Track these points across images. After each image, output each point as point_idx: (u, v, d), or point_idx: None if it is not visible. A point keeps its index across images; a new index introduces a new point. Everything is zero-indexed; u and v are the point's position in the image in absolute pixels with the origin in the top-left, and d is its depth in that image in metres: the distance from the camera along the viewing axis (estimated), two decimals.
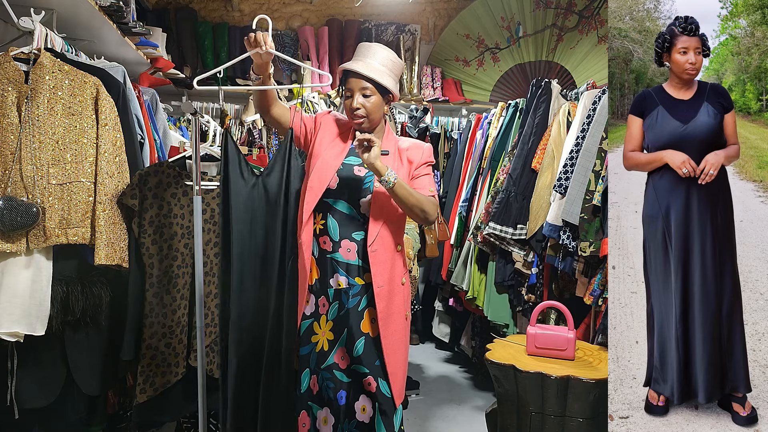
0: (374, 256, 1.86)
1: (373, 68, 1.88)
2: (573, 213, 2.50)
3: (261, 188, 1.98)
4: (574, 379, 2.03)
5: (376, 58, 1.90)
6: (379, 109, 1.91)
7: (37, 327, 1.94)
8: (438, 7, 5.22)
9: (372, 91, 1.88)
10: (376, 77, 1.86)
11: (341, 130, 1.99)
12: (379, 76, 1.87)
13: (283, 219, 1.92)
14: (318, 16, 5.02)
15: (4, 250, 1.89)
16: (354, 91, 1.88)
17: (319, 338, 1.92)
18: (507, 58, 5.12)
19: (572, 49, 5.02)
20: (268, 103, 1.91)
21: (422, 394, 3.40)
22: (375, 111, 1.89)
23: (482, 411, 3.00)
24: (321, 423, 1.91)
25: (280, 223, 1.93)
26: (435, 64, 5.09)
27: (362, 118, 1.88)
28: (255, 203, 1.96)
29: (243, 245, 1.93)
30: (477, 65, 5.14)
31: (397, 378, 1.89)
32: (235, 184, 1.92)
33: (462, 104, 4.91)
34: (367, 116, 1.88)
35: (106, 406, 2.34)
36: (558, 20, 5.03)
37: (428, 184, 1.95)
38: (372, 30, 5.04)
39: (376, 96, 1.89)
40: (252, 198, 1.96)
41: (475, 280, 3.27)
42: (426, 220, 1.91)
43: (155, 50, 3.26)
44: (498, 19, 5.07)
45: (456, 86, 5.01)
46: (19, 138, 1.89)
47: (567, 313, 2.30)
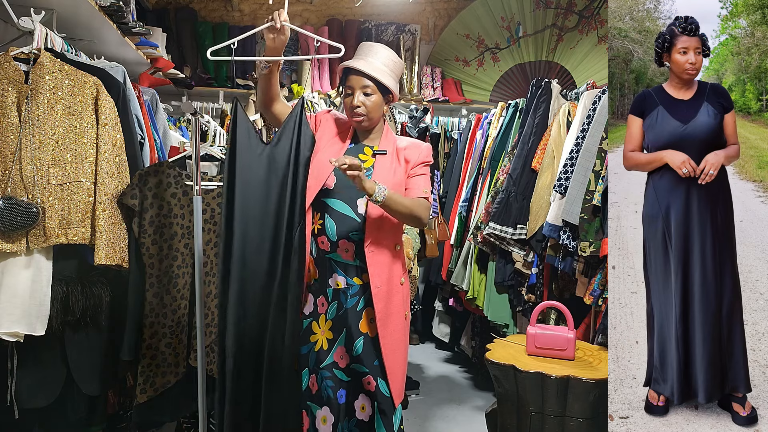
0: (371, 257, 1.86)
1: (375, 67, 1.88)
2: (573, 213, 2.50)
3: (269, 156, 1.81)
4: (574, 379, 2.03)
5: (378, 57, 1.90)
6: (379, 108, 1.91)
7: (37, 327, 1.94)
8: (438, 7, 5.22)
9: (373, 89, 1.88)
10: (377, 76, 1.86)
11: (340, 129, 1.99)
12: (380, 75, 1.87)
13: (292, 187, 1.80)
14: (318, 16, 5.02)
15: (4, 250, 1.89)
16: (355, 89, 1.88)
17: (318, 337, 1.93)
18: (507, 58, 5.12)
19: (572, 49, 5.03)
20: (271, 99, 1.91)
21: (422, 394, 3.40)
22: (375, 110, 1.89)
23: (482, 411, 3.00)
24: (320, 422, 1.91)
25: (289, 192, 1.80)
26: (435, 64, 5.09)
27: (362, 117, 1.88)
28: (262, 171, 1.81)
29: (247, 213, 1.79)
30: (477, 65, 5.14)
31: (396, 378, 1.89)
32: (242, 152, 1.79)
33: (462, 104, 4.91)
34: (367, 114, 1.88)
35: (106, 406, 2.34)
36: (558, 20, 5.03)
37: (423, 185, 1.93)
38: (372, 30, 5.04)
39: (377, 95, 1.89)
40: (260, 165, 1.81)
41: (475, 280, 3.27)
42: (420, 223, 1.91)
43: (155, 50, 3.26)
44: (498, 19, 5.07)
45: (456, 86, 5.01)
46: (19, 138, 1.89)
47: (567, 313, 2.30)
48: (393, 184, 1.87)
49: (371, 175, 1.88)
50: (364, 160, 1.92)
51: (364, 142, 1.97)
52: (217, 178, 2.28)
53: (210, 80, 4.52)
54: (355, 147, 1.97)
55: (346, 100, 1.89)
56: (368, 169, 1.91)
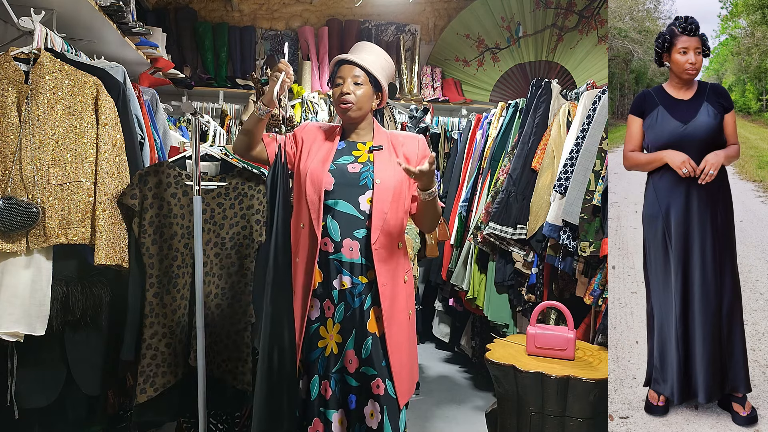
0: (378, 254, 1.85)
1: (368, 61, 1.89)
2: (573, 213, 2.50)
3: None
4: (574, 379, 2.03)
5: (372, 53, 1.92)
6: (369, 100, 1.90)
7: (37, 327, 1.94)
8: (438, 7, 5.22)
9: (363, 80, 1.87)
10: (368, 67, 1.87)
11: (326, 133, 1.97)
12: (372, 67, 1.88)
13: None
14: (318, 16, 5.02)
15: (4, 250, 1.89)
16: (345, 78, 1.87)
17: (327, 342, 1.89)
18: (507, 58, 5.12)
19: (572, 49, 5.03)
20: (258, 142, 1.91)
21: (422, 394, 3.40)
22: (364, 101, 1.88)
23: (482, 411, 3.00)
24: (337, 424, 1.88)
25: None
26: (435, 64, 5.09)
27: (350, 104, 1.86)
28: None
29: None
30: (477, 65, 5.14)
31: (401, 377, 1.88)
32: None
33: (462, 104, 4.91)
34: (355, 103, 1.86)
35: (106, 406, 2.34)
36: (558, 20, 5.03)
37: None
38: (372, 30, 5.04)
39: (367, 86, 1.88)
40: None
41: (475, 280, 3.27)
42: (432, 228, 1.97)
43: (155, 50, 3.26)
44: (498, 19, 5.07)
45: (456, 86, 5.01)
46: (19, 138, 1.89)
47: (567, 313, 2.30)
48: (396, 180, 1.86)
49: (372, 172, 1.87)
50: (357, 156, 1.91)
51: (354, 140, 1.95)
52: (217, 178, 2.28)
53: (210, 80, 4.52)
54: (347, 145, 1.94)
55: (335, 90, 1.88)
56: (366, 164, 1.88)
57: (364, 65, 1.87)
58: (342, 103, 1.87)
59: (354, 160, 1.90)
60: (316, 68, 4.68)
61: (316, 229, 1.84)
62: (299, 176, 1.91)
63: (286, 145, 1.94)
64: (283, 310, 1.84)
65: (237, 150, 1.94)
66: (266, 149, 1.93)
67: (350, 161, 1.90)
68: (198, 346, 2.02)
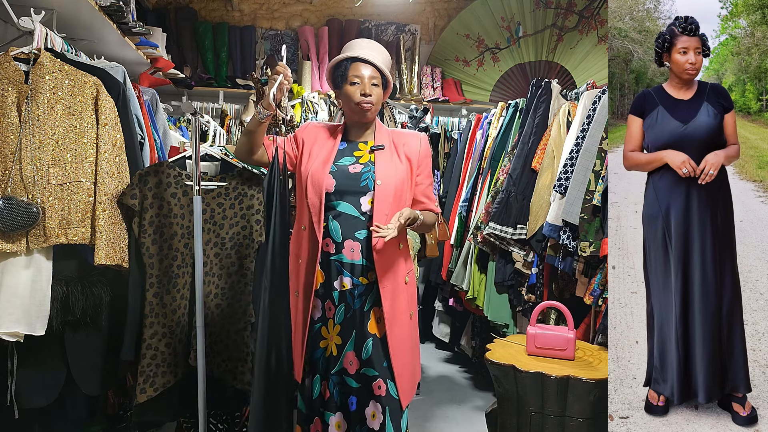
0: (379, 255, 1.85)
1: (380, 60, 1.88)
2: (573, 213, 2.50)
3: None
4: (574, 379, 2.03)
5: (381, 52, 1.91)
6: (381, 102, 1.91)
7: (37, 327, 1.94)
8: (438, 7, 5.22)
9: (379, 81, 1.87)
10: (383, 68, 1.87)
11: (326, 135, 1.96)
12: (385, 68, 1.89)
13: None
14: (318, 16, 5.02)
15: (4, 250, 1.89)
16: (364, 78, 1.84)
17: (328, 342, 1.90)
18: (507, 58, 5.12)
19: (572, 49, 5.03)
20: (258, 146, 1.90)
21: (422, 394, 3.40)
22: (378, 102, 1.89)
23: (482, 411, 3.00)
24: (334, 428, 1.89)
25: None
26: (435, 64, 5.09)
27: (370, 105, 1.85)
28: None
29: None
30: (477, 65, 5.14)
31: (403, 378, 1.88)
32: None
33: (462, 104, 4.91)
34: (374, 105, 1.87)
35: (106, 406, 2.34)
36: (558, 20, 5.03)
37: (434, 197, 1.98)
38: (372, 30, 5.04)
39: (380, 88, 1.88)
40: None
41: (475, 280, 3.27)
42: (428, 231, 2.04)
43: (155, 50, 3.26)
44: (498, 19, 5.07)
45: (456, 86, 5.01)
46: (19, 138, 1.89)
47: (567, 313, 2.30)
48: (397, 180, 1.86)
49: (373, 172, 1.87)
50: (359, 156, 1.91)
51: (356, 139, 1.94)
52: (217, 178, 2.28)
53: (210, 80, 4.52)
54: (348, 145, 1.94)
55: (352, 88, 1.84)
56: (367, 164, 1.88)
57: (380, 66, 1.86)
58: (364, 104, 1.85)
59: (355, 160, 1.90)
60: (316, 68, 4.68)
61: (318, 230, 1.84)
62: (300, 178, 1.91)
63: (286, 147, 1.93)
64: (280, 312, 1.84)
65: (239, 154, 1.93)
66: (267, 152, 1.93)
67: (351, 162, 1.90)
68: (198, 346, 2.02)
